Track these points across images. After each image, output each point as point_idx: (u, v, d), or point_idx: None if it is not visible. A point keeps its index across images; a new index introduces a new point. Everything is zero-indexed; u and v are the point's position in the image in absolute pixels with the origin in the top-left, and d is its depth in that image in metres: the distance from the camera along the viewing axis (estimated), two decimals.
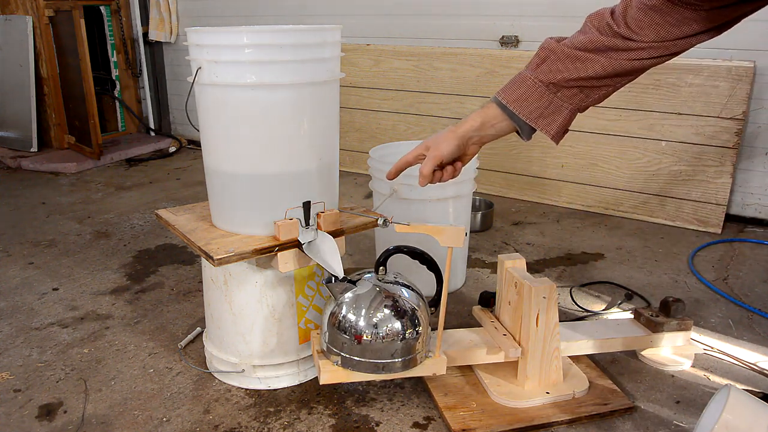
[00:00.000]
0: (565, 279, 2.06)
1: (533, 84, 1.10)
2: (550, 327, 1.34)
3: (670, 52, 1.06)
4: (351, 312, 1.24)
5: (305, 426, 1.34)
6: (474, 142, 1.19)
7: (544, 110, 1.11)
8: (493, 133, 1.17)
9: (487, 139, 1.18)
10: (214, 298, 1.47)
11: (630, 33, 1.04)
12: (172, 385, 1.49)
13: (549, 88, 1.10)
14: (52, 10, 3.61)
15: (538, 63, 1.11)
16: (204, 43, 1.26)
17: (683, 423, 1.33)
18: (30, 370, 1.57)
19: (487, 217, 2.53)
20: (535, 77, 1.10)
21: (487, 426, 1.29)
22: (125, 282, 2.08)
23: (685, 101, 2.50)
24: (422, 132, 3.16)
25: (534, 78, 1.10)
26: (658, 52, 1.05)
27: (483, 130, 1.16)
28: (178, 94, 4.34)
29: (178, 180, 3.40)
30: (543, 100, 1.10)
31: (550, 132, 1.12)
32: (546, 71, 1.09)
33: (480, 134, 1.17)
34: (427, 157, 1.18)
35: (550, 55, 1.09)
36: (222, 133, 1.33)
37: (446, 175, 1.22)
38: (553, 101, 1.10)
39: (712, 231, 2.48)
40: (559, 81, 1.08)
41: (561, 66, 1.08)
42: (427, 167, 1.17)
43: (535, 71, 1.10)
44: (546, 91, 1.10)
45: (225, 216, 1.40)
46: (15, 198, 3.07)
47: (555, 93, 1.10)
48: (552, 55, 1.09)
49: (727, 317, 1.79)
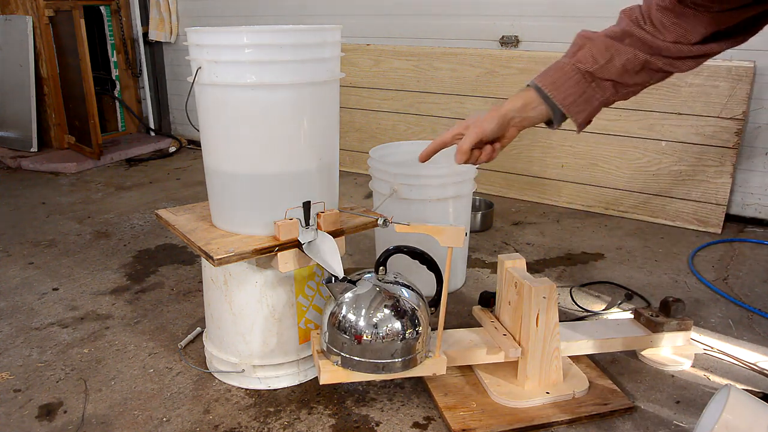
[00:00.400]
0: (565, 279, 2.06)
1: (571, 70, 1.12)
2: (550, 327, 1.34)
3: (694, 54, 1.08)
4: (351, 312, 1.24)
5: (305, 426, 1.34)
6: (514, 124, 1.18)
7: (578, 98, 1.13)
8: (533, 116, 1.17)
9: (527, 122, 1.18)
10: (214, 298, 1.47)
11: (655, 31, 1.07)
12: (172, 385, 1.49)
13: (585, 77, 1.12)
14: (52, 10, 3.61)
15: (575, 51, 1.13)
16: (204, 43, 1.26)
17: (683, 423, 1.33)
18: (30, 370, 1.57)
19: (487, 217, 2.53)
20: (572, 64, 1.12)
21: (487, 426, 1.29)
22: (125, 282, 2.08)
23: (685, 101, 2.50)
24: (422, 132, 3.16)
25: (572, 65, 1.12)
26: (683, 53, 1.07)
27: (524, 111, 1.16)
28: (178, 94, 4.34)
29: (178, 180, 3.40)
30: (578, 87, 1.12)
31: (578, 120, 1.15)
32: (582, 59, 1.11)
33: (521, 116, 1.17)
34: (468, 133, 1.16)
35: (586, 43, 1.12)
36: (222, 133, 1.33)
37: (484, 154, 1.20)
38: (587, 91, 1.12)
39: (712, 231, 2.48)
40: (595, 71, 1.10)
41: (597, 53, 1.10)
42: (467, 143, 1.16)
43: (572, 58, 1.12)
44: (582, 80, 1.12)
45: (225, 216, 1.40)
46: (15, 198, 3.07)
47: (590, 83, 1.12)
48: (588, 42, 1.12)
49: (727, 317, 1.79)
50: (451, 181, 1.81)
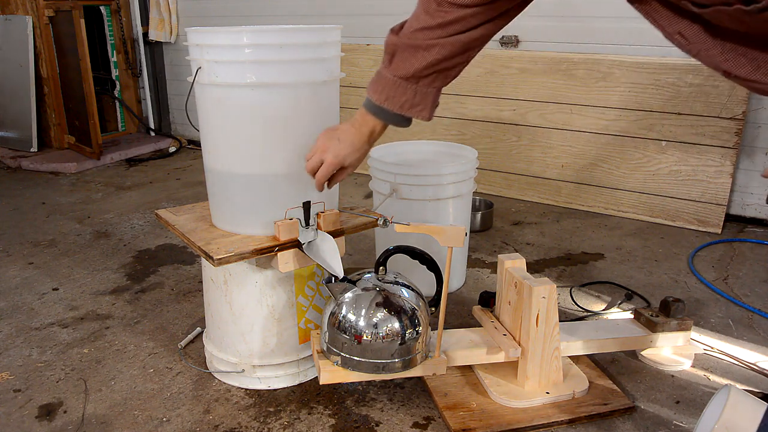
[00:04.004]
0: (565, 279, 2.06)
1: (394, 81, 1.16)
2: (550, 327, 1.34)
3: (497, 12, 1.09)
4: (351, 312, 1.24)
5: (305, 426, 1.34)
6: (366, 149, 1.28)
7: (413, 100, 1.17)
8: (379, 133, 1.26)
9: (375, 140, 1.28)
10: (214, 298, 1.47)
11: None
12: (172, 385, 1.49)
13: (409, 81, 1.16)
14: (52, 10, 3.62)
15: (389, 59, 1.16)
16: (204, 43, 1.26)
17: (683, 423, 1.33)
18: (30, 370, 1.57)
19: (487, 217, 2.53)
20: (393, 75, 1.16)
21: (487, 426, 1.29)
22: (125, 282, 2.08)
23: (685, 101, 2.50)
24: (422, 132, 3.16)
25: (392, 76, 1.16)
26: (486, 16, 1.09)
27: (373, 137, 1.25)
28: (178, 94, 4.34)
29: (178, 180, 3.40)
30: (408, 92, 1.16)
31: (425, 117, 1.20)
32: (398, 67, 1.15)
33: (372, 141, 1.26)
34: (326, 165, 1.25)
35: (396, 50, 1.15)
36: (222, 133, 1.33)
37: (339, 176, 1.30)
38: (418, 91, 1.17)
39: (712, 231, 2.48)
40: (414, 73, 1.14)
41: (409, 57, 1.13)
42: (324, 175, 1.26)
43: (390, 69, 1.16)
44: (408, 84, 1.16)
45: (225, 216, 1.40)
46: (15, 198, 3.07)
47: (416, 83, 1.16)
48: (397, 48, 1.15)
49: (727, 317, 1.79)
50: (451, 181, 1.81)
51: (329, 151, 1.23)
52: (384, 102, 1.18)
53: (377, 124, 1.23)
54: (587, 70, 2.68)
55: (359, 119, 1.23)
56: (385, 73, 1.17)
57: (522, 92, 2.85)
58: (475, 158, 1.88)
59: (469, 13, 1.08)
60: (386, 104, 1.18)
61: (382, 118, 1.21)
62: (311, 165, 1.25)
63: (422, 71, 1.14)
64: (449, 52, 1.13)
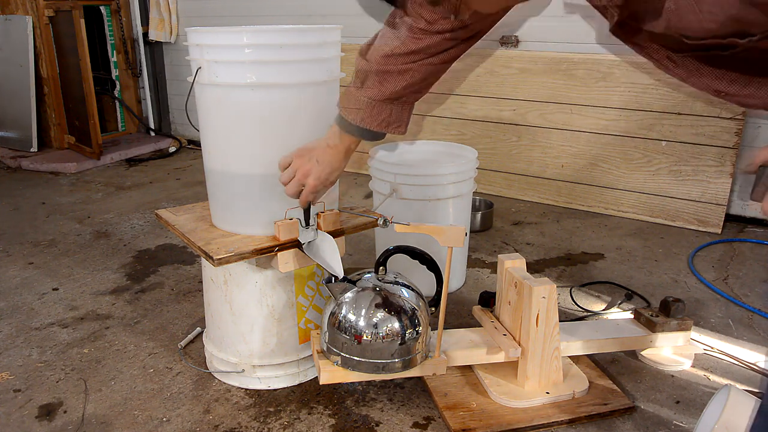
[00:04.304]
0: (565, 279, 2.06)
1: (369, 103, 1.18)
2: (550, 327, 1.34)
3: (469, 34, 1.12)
4: (351, 312, 1.24)
5: (305, 426, 1.34)
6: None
7: (389, 118, 1.21)
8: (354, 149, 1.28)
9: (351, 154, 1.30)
10: (214, 298, 1.47)
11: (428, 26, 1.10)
12: (172, 385, 1.49)
13: (385, 102, 1.19)
14: (52, 10, 3.61)
15: (361, 83, 1.19)
16: (204, 43, 1.26)
17: (683, 423, 1.33)
18: (30, 370, 1.57)
19: (487, 217, 2.53)
20: (367, 98, 1.18)
21: (487, 426, 1.29)
22: (125, 282, 2.08)
23: (685, 101, 2.50)
24: (422, 132, 3.16)
25: (367, 99, 1.18)
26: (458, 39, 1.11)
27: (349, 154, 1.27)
28: (178, 94, 4.34)
29: (178, 180, 3.40)
30: (384, 112, 1.20)
31: (401, 132, 1.24)
32: (372, 90, 1.18)
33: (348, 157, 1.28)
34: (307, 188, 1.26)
35: (367, 75, 1.17)
36: (222, 133, 1.33)
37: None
38: (393, 110, 1.21)
39: (712, 231, 2.48)
40: (389, 96, 1.17)
41: (383, 81, 1.16)
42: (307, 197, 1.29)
43: (363, 91, 1.18)
44: (384, 105, 1.19)
45: (225, 216, 1.40)
46: (15, 198, 3.07)
47: (392, 102, 1.19)
48: (368, 74, 1.17)
49: (727, 317, 1.79)
50: (451, 181, 1.81)
51: (311, 175, 1.24)
52: (360, 122, 1.20)
53: (353, 141, 1.25)
54: (587, 70, 2.68)
55: (334, 138, 1.25)
56: (357, 94, 1.19)
57: (522, 92, 2.85)
58: (475, 158, 1.88)
59: (441, 39, 1.11)
60: (362, 124, 1.20)
61: (357, 136, 1.23)
62: (292, 189, 1.26)
63: (397, 93, 1.17)
64: (422, 75, 1.16)
